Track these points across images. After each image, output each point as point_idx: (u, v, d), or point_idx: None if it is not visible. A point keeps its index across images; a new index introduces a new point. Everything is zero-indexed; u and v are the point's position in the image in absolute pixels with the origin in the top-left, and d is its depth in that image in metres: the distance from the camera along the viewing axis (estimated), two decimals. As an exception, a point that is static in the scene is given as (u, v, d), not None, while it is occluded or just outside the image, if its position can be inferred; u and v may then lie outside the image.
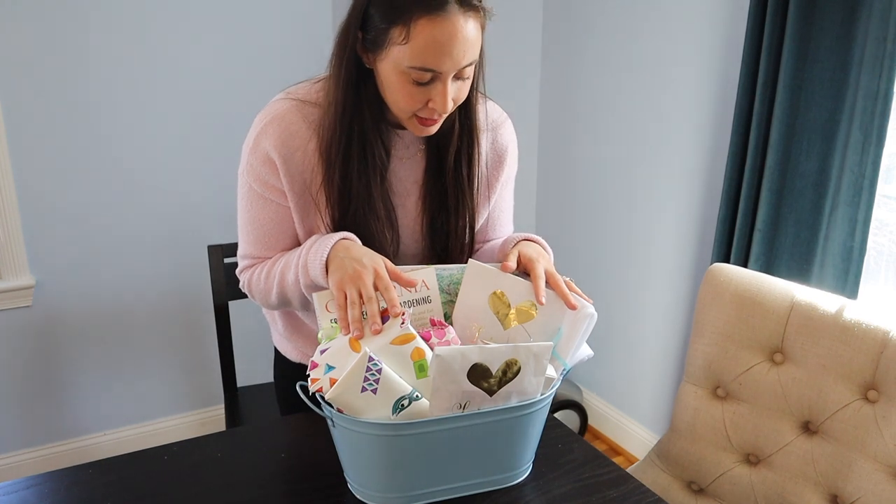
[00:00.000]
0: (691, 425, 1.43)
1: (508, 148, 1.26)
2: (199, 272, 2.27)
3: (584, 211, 2.53)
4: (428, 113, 1.04)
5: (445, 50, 0.97)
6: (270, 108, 1.13)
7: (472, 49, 1.00)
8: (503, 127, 1.25)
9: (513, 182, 1.31)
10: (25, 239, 2.09)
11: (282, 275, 1.13)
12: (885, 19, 1.50)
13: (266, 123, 1.11)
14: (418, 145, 1.18)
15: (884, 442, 1.20)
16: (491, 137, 1.23)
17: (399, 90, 1.02)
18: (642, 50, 2.19)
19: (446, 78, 1.00)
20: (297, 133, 1.11)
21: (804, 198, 1.70)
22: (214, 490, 1.03)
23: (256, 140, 1.12)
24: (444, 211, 1.19)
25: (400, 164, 1.18)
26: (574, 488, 1.06)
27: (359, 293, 0.99)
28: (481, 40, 1.03)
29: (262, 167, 1.12)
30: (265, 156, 1.11)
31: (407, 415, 0.93)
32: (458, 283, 1.11)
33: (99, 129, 2.11)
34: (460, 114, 1.14)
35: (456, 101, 1.05)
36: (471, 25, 0.98)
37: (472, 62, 1.01)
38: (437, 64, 0.98)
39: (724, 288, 1.39)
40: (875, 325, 1.23)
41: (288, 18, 2.26)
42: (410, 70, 0.99)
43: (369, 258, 1.02)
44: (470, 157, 1.17)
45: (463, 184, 1.18)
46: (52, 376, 2.24)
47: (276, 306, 1.20)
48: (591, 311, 1.03)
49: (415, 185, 1.19)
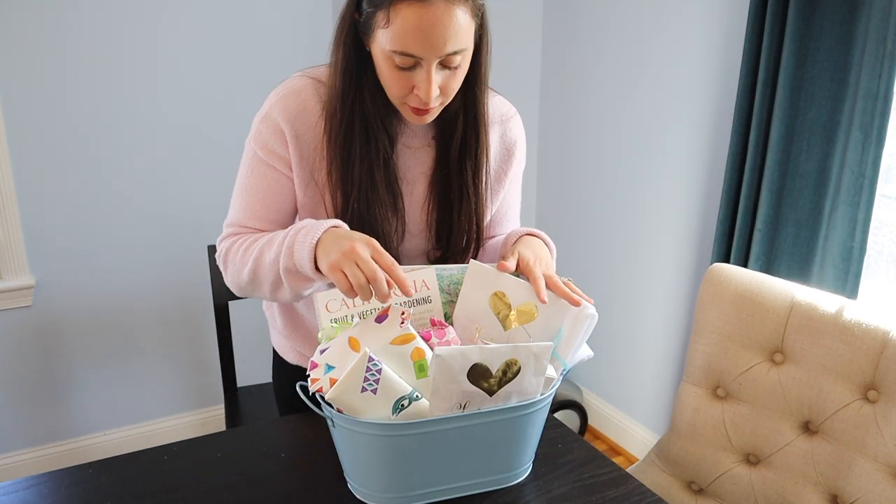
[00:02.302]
0: (691, 425, 1.43)
1: (517, 142, 1.25)
2: (199, 272, 2.27)
3: (583, 211, 2.53)
4: (415, 101, 1.03)
5: (425, 35, 0.96)
6: (287, 83, 1.13)
7: (457, 37, 0.98)
8: (512, 121, 1.24)
9: (521, 177, 1.30)
10: (25, 239, 2.09)
11: (260, 252, 1.07)
12: (885, 19, 1.50)
13: (282, 97, 1.11)
14: (428, 136, 1.18)
15: (884, 442, 1.20)
16: (500, 131, 1.22)
17: (386, 74, 1.02)
18: (642, 50, 2.19)
19: (429, 65, 0.99)
20: (311, 110, 1.11)
21: (804, 198, 1.70)
22: (214, 490, 1.03)
23: (269, 110, 1.12)
24: (447, 203, 1.18)
25: (408, 153, 1.17)
26: (574, 488, 1.06)
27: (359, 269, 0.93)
28: (474, 30, 1.02)
29: (271, 135, 1.11)
30: (276, 125, 1.10)
31: (407, 415, 0.93)
32: (459, 284, 1.11)
33: (99, 129, 2.11)
34: (465, 106, 1.13)
35: (445, 90, 1.03)
36: (457, 13, 0.96)
37: (457, 51, 0.99)
38: (417, 49, 0.97)
39: (724, 288, 1.39)
40: (875, 325, 1.23)
41: (288, 18, 2.26)
42: (393, 54, 0.98)
43: (361, 235, 0.98)
44: (476, 150, 1.16)
45: (467, 177, 1.16)
46: (52, 376, 2.24)
47: (244, 287, 1.13)
48: (592, 312, 1.03)
49: (422, 176, 1.19)
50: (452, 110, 1.13)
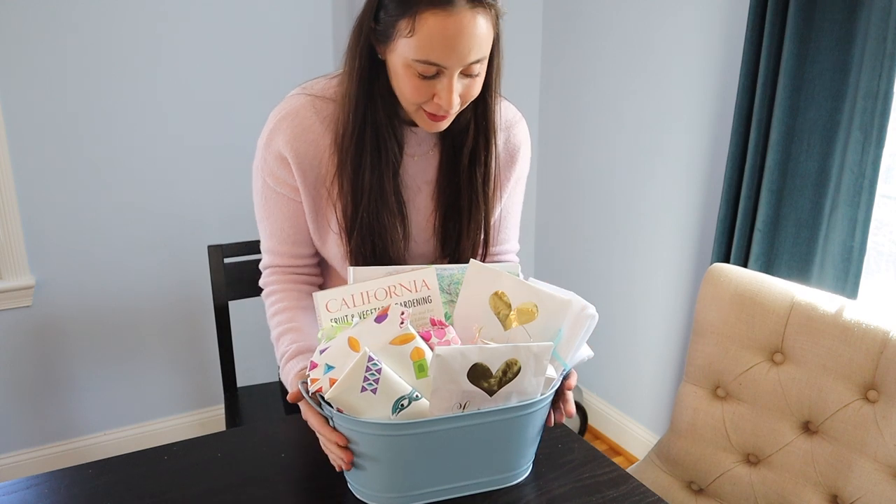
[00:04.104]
0: (691, 425, 1.43)
1: (521, 147, 1.25)
2: (199, 272, 2.27)
3: (583, 210, 2.53)
4: (434, 108, 1.03)
5: (450, 45, 0.96)
6: (285, 103, 1.14)
7: (480, 46, 0.99)
8: (517, 126, 1.25)
9: (524, 183, 1.31)
10: (25, 239, 2.09)
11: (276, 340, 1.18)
12: (885, 19, 1.50)
13: (279, 119, 1.12)
14: (431, 144, 1.18)
15: (884, 442, 1.20)
16: (504, 136, 1.22)
17: (405, 83, 1.02)
18: (642, 50, 2.19)
19: (452, 73, 0.99)
20: (311, 128, 1.11)
21: (804, 198, 1.70)
22: (214, 490, 1.03)
23: (270, 136, 1.13)
24: (457, 211, 1.18)
25: (411, 162, 1.18)
26: (574, 488, 1.06)
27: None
28: (493, 38, 1.02)
29: (275, 164, 1.13)
30: (278, 153, 1.12)
31: (407, 415, 0.93)
32: (459, 283, 1.11)
33: (99, 129, 2.11)
34: (476, 113, 1.13)
35: (464, 98, 1.04)
36: (479, 22, 0.97)
37: (479, 59, 1.00)
38: (442, 58, 0.97)
39: (724, 288, 1.39)
40: (875, 325, 1.23)
41: (288, 19, 2.26)
42: (415, 63, 0.99)
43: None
44: (486, 158, 1.16)
45: (477, 184, 1.17)
46: (52, 376, 2.24)
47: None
48: (592, 312, 1.03)
49: (426, 184, 1.19)
50: (464, 118, 1.13)
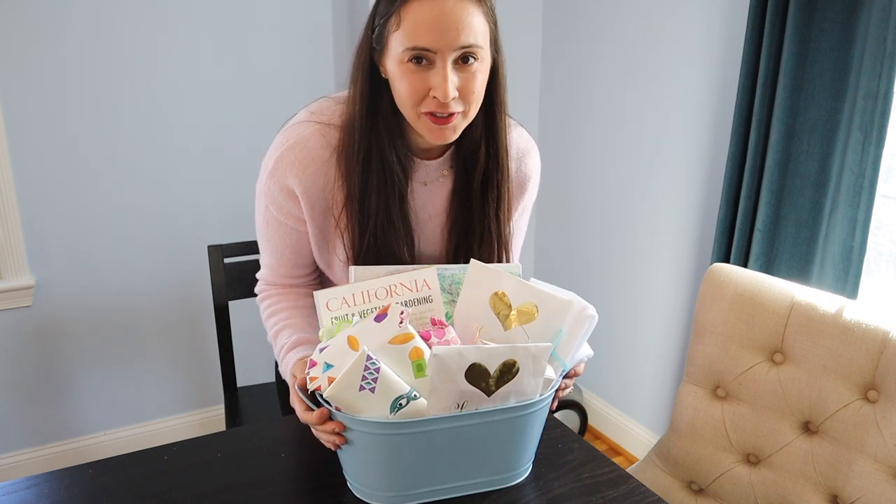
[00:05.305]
0: (691, 425, 1.43)
1: (532, 177, 1.25)
2: (199, 272, 2.27)
3: (584, 210, 2.53)
4: (433, 105, 1.01)
5: (435, 26, 0.96)
6: (293, 130, 1.11)
7: (470, 30, 0.98)
8: (529, 155, 1.25)
9: (529, 211, 1.30)
10: (25, 239, 2.09)
11: (273, 337, 1.19)
12: (885, 19, 1.50)
13: (287, 148, 1.10)
14: (442, 170, 1.17)
15: (884, 442, 1.20)
16: (515, 166, 1.22)
17: (402, 82, 1.01)
18: (642, 50, 2.19)
19: (444, 60, 0.98)
20: (319, 158, 1.09)
21: (804, 198, 1.70)
22: (214, 490, 1.03)
23: (276, 164, 1.10)
24: (469, 238, 1.17)
25: (422, 189, 1.17)
26: (574, 488, 1.06)
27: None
28: (488, 34, 1.02)
29: (281, 196, 1.12)
30: (285, 186, 1.10)
31: (405, 414, 0.93)
32: (460, 283, 1.11)
33: (99, 129, 2.11)
34: (485, 132, 1.12)
35: (463, 94, 1.01)
36: (468, 8, 0.98)
37: (471, 44, 0.99)
38: (430, 41, 0.97)
39: (724, 288, 1.39)
40: (875, 325, 1.23)
41: (288, 22, 2.26)
42: (406, 53, 0.98)
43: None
44: (498, 181, 1.15)
45: (489, 210, 1.16)
46: (52, 376, 2.24)
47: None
48: (592, 313, 1.03)
49: (436, 215, 1.18)
50: (474, 138, 1.12)
